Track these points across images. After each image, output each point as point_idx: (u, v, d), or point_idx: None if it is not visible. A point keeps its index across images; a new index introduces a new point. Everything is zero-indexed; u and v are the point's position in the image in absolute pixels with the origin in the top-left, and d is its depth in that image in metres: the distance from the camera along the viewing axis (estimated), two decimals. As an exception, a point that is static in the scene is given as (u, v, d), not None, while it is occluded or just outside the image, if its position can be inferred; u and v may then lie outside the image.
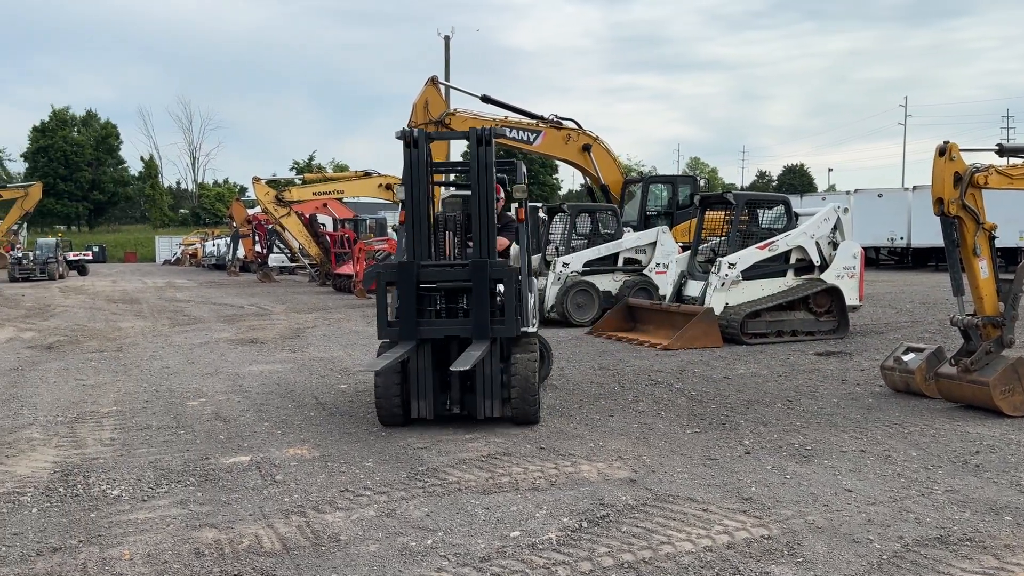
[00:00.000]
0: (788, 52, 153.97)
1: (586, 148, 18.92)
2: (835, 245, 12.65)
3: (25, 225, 40.78)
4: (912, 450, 6.13)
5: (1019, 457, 5.89)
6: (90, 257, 46.59)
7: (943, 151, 7.15)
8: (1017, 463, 5.75)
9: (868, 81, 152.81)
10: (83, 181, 72.08)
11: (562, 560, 4.17)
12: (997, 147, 7.57)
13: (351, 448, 6.39)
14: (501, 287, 6.80)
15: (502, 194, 7.73)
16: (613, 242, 15.35)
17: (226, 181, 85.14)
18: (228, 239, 39.40)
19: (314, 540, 4.53)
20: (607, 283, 14.96)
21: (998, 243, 7.54)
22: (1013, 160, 7.65)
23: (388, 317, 6.86)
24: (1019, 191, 7.90)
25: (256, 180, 26.50)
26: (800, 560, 4.15)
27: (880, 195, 31.17)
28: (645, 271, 15.32)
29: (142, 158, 79.83)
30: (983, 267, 7.24)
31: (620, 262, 15.27)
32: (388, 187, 24.32)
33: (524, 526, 4.66)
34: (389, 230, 30.82)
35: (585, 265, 14.90)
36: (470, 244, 7.17)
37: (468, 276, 6.75)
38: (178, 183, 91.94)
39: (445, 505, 5.03)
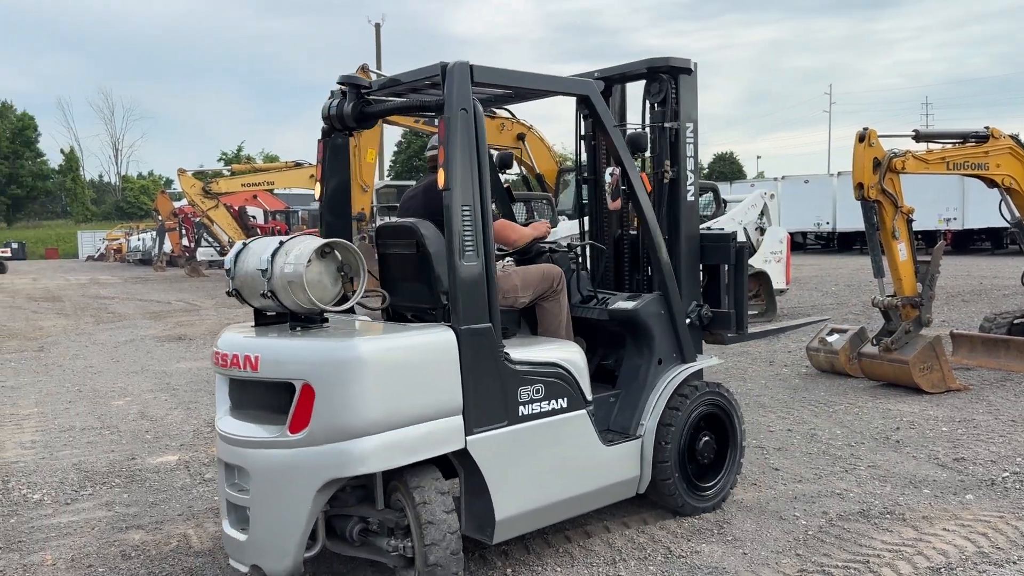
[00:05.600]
0: (714, 42, 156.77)
1: (520, 137, 18.93)
2: (762, 230, 12.92)
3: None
4: (837, 428, 6.31)
5: (937, 432, 6.13)
6: (8, 254, 44.71)
7: (863, 137, 7.36)
8: (935, 438, 5.97)
9: (793, 70, 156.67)
10: (-1, 175, 69.19)
11: (498, 548, 4.16)
12: (914, 133, 7.82)
13: (284, 443, 6.28)
14: None
15: None
16: None
17: (151, 173, 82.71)
18: (154, 233, 38.27)
19: (246, 538, 4.43)
20: None
21: (918, 226, 7.81)
22: (931, 146, 7.91)
23: None
24: (937, 175, 8.19)
25: (182, 172, 25.74)
26: (729, 538, 4.24)
27: (806, 181, 31.96)
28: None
29: (62, 151, 76.87)
30: (902, 249, 7.49)
31: None
32: (320, 178, 23.90)
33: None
34: (322, 221, 30.32)
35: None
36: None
37: None
38: (100, 176, 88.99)
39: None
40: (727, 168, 71.83)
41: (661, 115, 4.67)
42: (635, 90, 5.01)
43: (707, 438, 4.59)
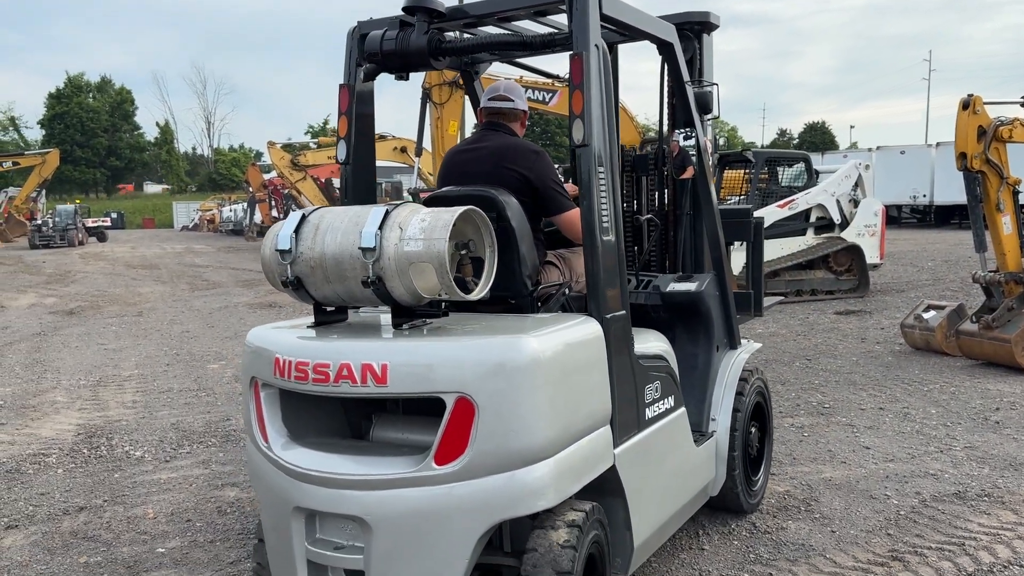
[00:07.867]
0: (807, 7, 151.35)
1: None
2: (856, 203, 12.49)
3: (44, 192, 41.07)
4: (931, 407, 6.10)
5: (1040, 414, 5.85)
6: (108, 223, 46.86)
7: (967, 105, 7.01)
8: (1038, 420, 5.71)
9: (889, 37, 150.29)
10: (100, 147, 72.33)
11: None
12: (1022, 99, 7.42)
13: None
14: None
15: None
16: None
17: (241, 146, 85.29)
18: (245, 204, 39.49)
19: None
20: None
21: (1023, 198, 7.41)
22: (1039, 113, 7.49)
23: None
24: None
25: (271, 144, 26.47)
26: (817, 516, 4.15)
27: (903, 152, 30.65)
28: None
29: (157, 124, 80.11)
30: (1006, 222, 7.14)
31: None
32: (403, 150, 24.17)
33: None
34: (405, 193, 30.75)
35: None
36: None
37: None
38: (194, 148, 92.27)
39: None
40: (818, 138, 69.60)
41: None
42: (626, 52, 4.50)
43: (754, 429, 4.25)
